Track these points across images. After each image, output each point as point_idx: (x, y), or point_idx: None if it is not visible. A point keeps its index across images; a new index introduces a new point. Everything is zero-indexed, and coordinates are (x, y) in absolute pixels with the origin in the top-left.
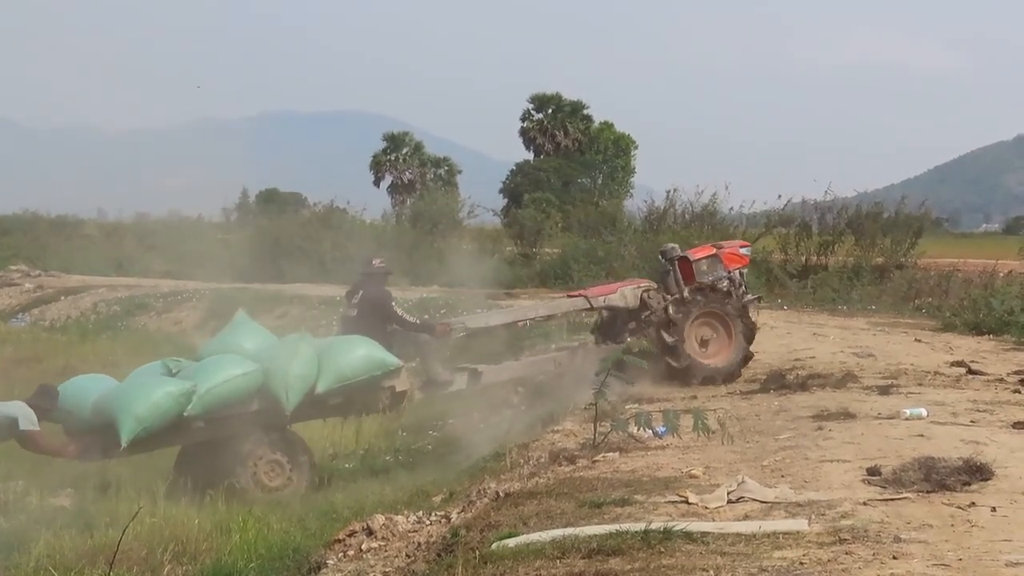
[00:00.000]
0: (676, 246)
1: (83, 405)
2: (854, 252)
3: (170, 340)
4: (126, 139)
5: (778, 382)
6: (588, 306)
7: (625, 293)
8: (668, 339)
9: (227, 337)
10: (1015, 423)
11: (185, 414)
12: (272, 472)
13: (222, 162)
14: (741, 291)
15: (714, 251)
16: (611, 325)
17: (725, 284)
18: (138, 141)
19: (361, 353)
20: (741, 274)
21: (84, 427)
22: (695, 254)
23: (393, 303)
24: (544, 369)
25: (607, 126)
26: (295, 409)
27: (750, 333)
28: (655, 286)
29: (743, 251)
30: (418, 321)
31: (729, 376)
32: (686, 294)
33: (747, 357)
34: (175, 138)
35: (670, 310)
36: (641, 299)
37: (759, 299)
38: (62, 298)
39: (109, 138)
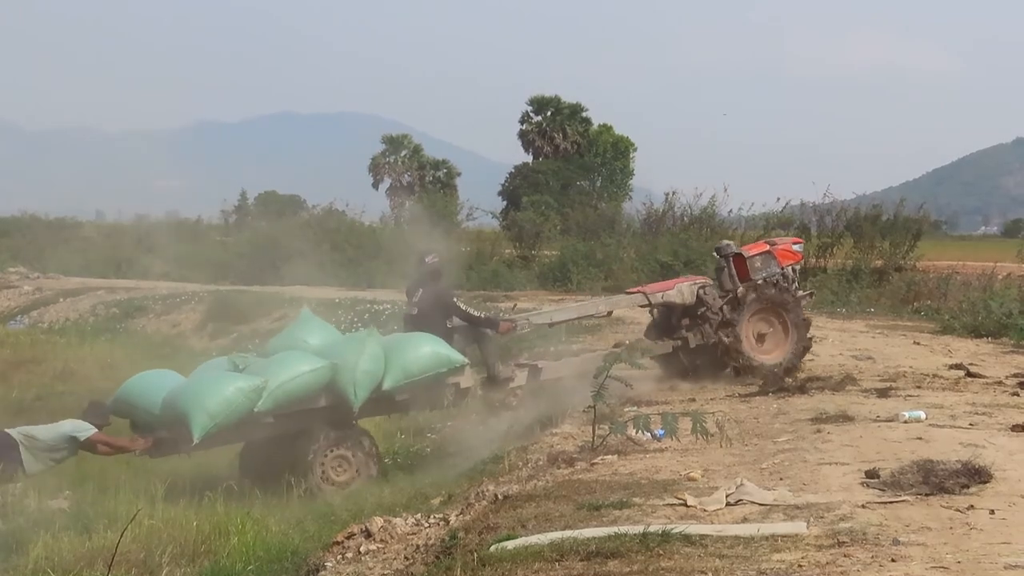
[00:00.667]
0: (731, 243)
1: (152, 400)
2: (853, 255)
3: (168, 342)
4: (125, 141)
5: (776, 385)
6: (646, 302)
7: (682, 289)
8: (725, 340)
9: (292, 333)
10: (1014, 426)
11: (256, 410)
12: (339, 467)
13: (221, 164)
14: (793, 287)
15: (768, 248)
16: (666, 321)
17: (778, 280)
18: (137, 143)
19: (427, 350)
20: (794, 270)
21: (153, 422)
22: (749, 250)
23: (455, 298)
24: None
25: (606, 128)
26: (362, 405)
27: (806, 327)
28: (711, 282)
29: (796, 248)
30: (483, 315)
31: (787, 370)
32: (740, 291)
33: (806, 348)
34: (174, 140)
35: (725, 311)
36: (697, 295)
37: (811, 295)
38: (60, 300)
39: (108, 140)
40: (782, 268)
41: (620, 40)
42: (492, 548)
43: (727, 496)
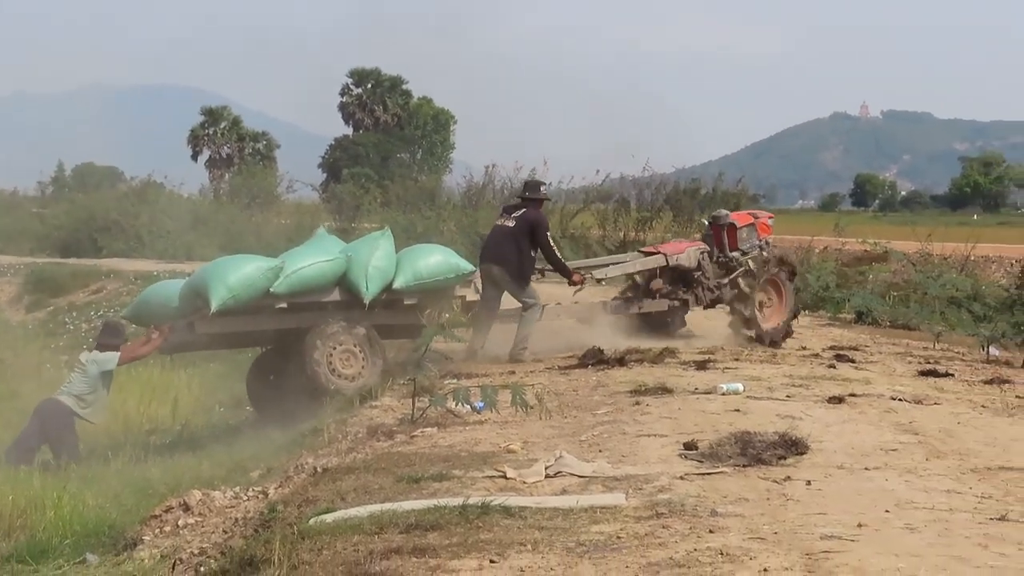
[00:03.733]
0: (728, 212)
1: (171, 296)
2: (672, 228)
3: None
4: None
5: (596, 357)
6: (665, 263)
7: (691, 253)
8: (745, 312)
9: (309, 245)
10: (830, 398)
11: (271, 290)
12: (347, 361)
13: (37, 135)
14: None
15: (752, 220)
16: (647, 281)
17: (758, 252)
18: None
19: (438, 257)
20: (767, 243)
21: (172, 315)
22: (739, 221)
23: (548, 233)
24: (595, 313)
25: (426, 101)
26: (373, 303)
27: (796, 301)
28: (708, 248)
29: (770, 222)
30: (563, 260)
31: (776, 342)
32: (768, 256)
33: (789, 328)
34: None
35: (741, 283)
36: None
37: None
38: None
39: None
40: (760, 240)
41: (436, 14)
42: (311, 521)
43: (546, 468)
